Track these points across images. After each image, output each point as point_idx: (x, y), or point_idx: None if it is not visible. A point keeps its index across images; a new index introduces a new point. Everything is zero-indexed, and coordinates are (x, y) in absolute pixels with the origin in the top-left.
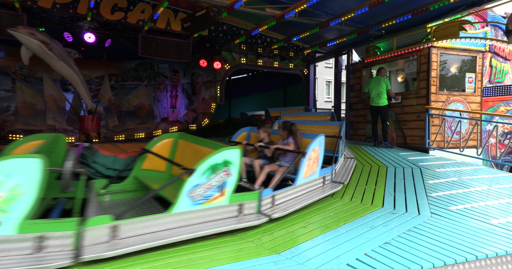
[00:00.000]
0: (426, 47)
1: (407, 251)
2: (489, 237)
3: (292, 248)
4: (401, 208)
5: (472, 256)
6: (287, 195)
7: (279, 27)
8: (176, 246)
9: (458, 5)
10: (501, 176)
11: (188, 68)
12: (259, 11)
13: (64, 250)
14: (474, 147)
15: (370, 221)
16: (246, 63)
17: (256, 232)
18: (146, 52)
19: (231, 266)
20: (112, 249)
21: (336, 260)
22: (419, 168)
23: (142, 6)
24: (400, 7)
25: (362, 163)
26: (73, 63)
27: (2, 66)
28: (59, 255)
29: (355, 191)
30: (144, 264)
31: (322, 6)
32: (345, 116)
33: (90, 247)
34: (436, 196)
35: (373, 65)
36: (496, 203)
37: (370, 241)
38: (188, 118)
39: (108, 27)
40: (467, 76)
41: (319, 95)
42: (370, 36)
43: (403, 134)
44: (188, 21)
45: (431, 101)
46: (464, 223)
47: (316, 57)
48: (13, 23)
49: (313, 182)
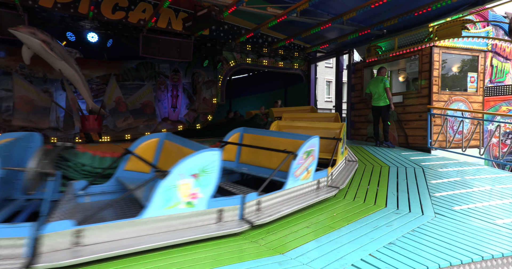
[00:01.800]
0: (428, 47)
1: (412, 252)
2: (494, 238)
3: (296, 248)
4: (405, 208)
5: (478, 257)
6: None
7: (280, 27)
8: (179, 246)
9: (460, 5)
10: (504, 176)
11: (189, 68)
12: (260, 11)
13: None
14: (476, 147)
15: (373, 221)
16: (247, 63)
17: (259, 232)
18: (147, 52)
19: (235, 266)
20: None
21: (341, 261)
22: (421, 168)
23: (143, 6)
24: (402, 6)
25: (364, 163)
26: (74, 63)
27: (3, 66)
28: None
29: (357, 191)
30: (147, 264)
31: (324, 6)
32: (346, 116)
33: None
34: (439, 196)
35: (374, 64)
36: (500, 203)
37: (374, 241)
38: (189, 118)
39: (109, 26)
40: (469, 76)
41: (319, 95)
42: (371, 36)
43: (404, 134)
44: (189, 21)
45: (433, 100)
46: (469, 224)
47: (317, 56)
48: (14, 22)
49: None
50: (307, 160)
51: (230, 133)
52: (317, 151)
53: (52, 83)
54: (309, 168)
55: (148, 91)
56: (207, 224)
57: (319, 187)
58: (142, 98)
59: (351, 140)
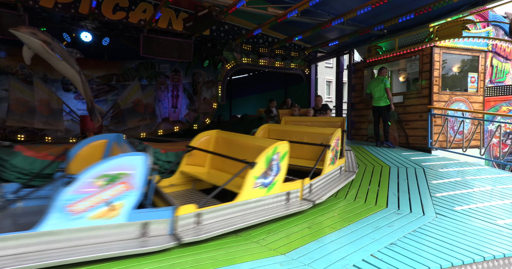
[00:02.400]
0: (429, 47)
1: (413, 252)
2: (496, 238)
3: (298, 248)
4: (406, 209)
5: (480, 257)
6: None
7: (281, 27)
8: (180, 247)
9: (461, 5)
10: (504, 176)
11: (189, 68)
12: (261, 11)
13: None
14: (476, 147)
15: (374, 222)
16: (247, 63)
17: (260, 232)
18: (148, 52)
19: (236, 267)
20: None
21: (343, 261)
22: (422, 168)
23: (143, 6)
24: (402, 6)
25: (364, 163)
26: (74, 63)
27: (3, 66)
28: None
29: (358, 192)
30: (149, 265)
31: (325, 6)
32: (347, 116)
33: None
34: (440, 196)
35: (374, 65)
36: (501, 203)
37: (375, 242)
38: (189, 118)
39: (110, 26)
40: (470, 76)
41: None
42: (372, 36)
43: (405, 134)
44: (190, 21)
45: (433, 101)
46: (470, 224)
47: (318, 57)
48: (14, 22)
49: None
50: (108, 190)
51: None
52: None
53: (52, 83)
54: (114, 202)
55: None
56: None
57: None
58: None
59: (352, 140)
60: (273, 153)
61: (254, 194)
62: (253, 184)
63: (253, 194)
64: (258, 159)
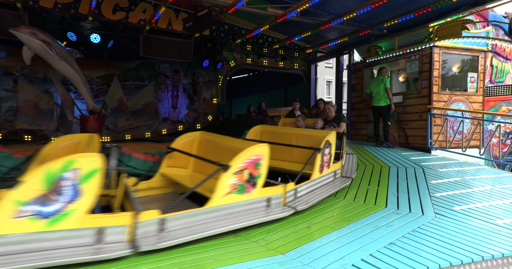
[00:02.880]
0: (428, 47)
1: (412, 252)
2: (495, 238)
3: (297, 248)
4: (405, 208)
5: (478, 257)
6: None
7: (281, 27)
8: (180, 246)
9: (460, 5)
10: (504, 176)
11: (189, 68)
12: (260, 11)
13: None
14: (476, 147)
15: (374, 222)
16: (247, 63)
17: (260, 232)
18: (148, 52)
19: (235, 267)
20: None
21: (342, 261)
22: (421, 168)
23: (143, 6)
24: (402, 6)
25: (364, 163)
26: (74, 63)
27: (4, 66)
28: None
29: (358, 191)
30: (149, 264)
31: (324, 6)
32: (347, 116)
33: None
34: (440, 196)
35: (374, 65)
36: (500, 203)
37: (374, 241)
38: (189, 118)
39: (110, 27)
40: (469, 76)
41: (319, 95)
42: (371, 36)
43: (405, 134)
44: (190, 21)
45: (433, 101)
46: (469, 224)
47: (318, 57)
48: (14, 23)
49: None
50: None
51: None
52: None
53: (52, 84)
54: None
55: (150, 92)
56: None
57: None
58: (144, 99)
59: (352, 140)
60: (63, 170)
61: (229, 199)
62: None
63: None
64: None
